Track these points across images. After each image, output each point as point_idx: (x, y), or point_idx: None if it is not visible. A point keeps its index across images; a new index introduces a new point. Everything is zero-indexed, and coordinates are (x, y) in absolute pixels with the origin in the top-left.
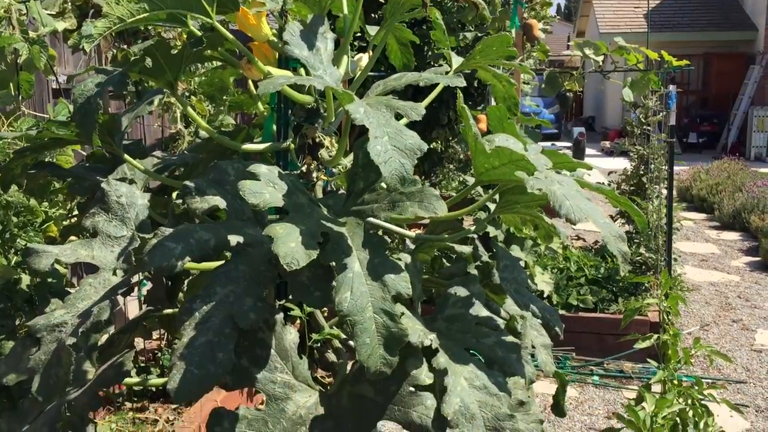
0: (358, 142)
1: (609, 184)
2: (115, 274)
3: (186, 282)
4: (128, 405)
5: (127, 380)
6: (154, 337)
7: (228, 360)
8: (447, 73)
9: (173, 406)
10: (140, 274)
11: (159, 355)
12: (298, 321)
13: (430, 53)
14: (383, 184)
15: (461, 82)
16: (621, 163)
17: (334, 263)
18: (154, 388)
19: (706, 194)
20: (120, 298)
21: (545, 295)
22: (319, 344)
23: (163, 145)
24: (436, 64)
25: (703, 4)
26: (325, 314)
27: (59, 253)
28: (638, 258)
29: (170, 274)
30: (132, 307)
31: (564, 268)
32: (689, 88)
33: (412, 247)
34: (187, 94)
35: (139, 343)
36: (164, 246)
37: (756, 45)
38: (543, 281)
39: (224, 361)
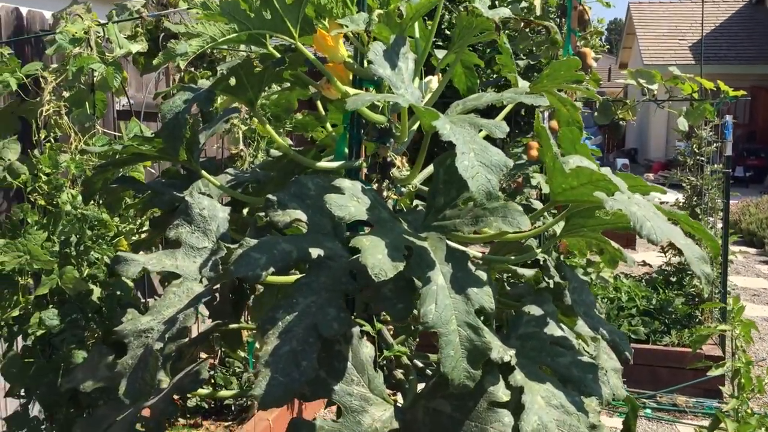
0: (438, 159)
1: None
2: (201, 282)
3: (252, 298)
4: (182, 421)
5: (200, 390)
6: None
7: (311, 368)
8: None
9: (225, 424)
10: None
11: (213, 373)
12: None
13: (485, 79)
14: (462, 201)
15: (545, 102)
16: (669, 196)
17: (417, 276)
18: (207, 405)
19: (755, 228)
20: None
21: None
22: (384, 362)
23: (222, 166)
24: (491, 89)
25: (748, 36)
26: (391, 332)
27: (146, 262)
28: (692, 290)
29: (254, 283)
30: None
31: (614, 298)
32: (736, 122)
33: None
34: (248, 115)
35: None
36: (249, 256)
37: None
38: None
39: (307, 368)
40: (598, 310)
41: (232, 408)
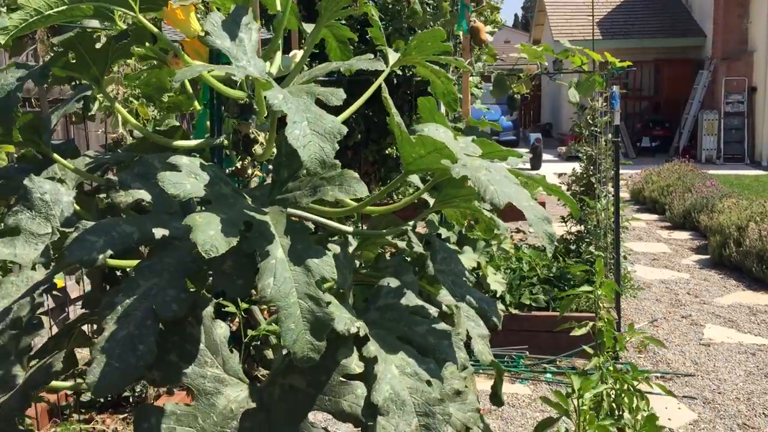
0: (282, 131)
1: (559, 186)
2: (34, 269)
3: None
4: (75, 417)
5: (56, 383)
6: None
7: (149, 352)
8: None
9: (121, 416)
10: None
11: None
12: (237, 319)
13: None
14: (305, 171)
15: (381, 66)
16: (568, 167)
17: (257, 251)
18: (102, 399)
19: (657, 195)
20: (71, 307)
21: (498, 295)
22: (258, 342)
23: (107, 150)
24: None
25: (652, 11)
26: (265, 312)
27: None
28: (588, 256)
29: (91, 267)
30: None
31: (516, 268)
32: (642, 94)
33: (354, 244)
34: (129, 97)
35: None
36: (85, 240)
37: (704, 50)
38: (496, 282)
39: (145, 353)
40: (467, 279)
41: (130, 400)
